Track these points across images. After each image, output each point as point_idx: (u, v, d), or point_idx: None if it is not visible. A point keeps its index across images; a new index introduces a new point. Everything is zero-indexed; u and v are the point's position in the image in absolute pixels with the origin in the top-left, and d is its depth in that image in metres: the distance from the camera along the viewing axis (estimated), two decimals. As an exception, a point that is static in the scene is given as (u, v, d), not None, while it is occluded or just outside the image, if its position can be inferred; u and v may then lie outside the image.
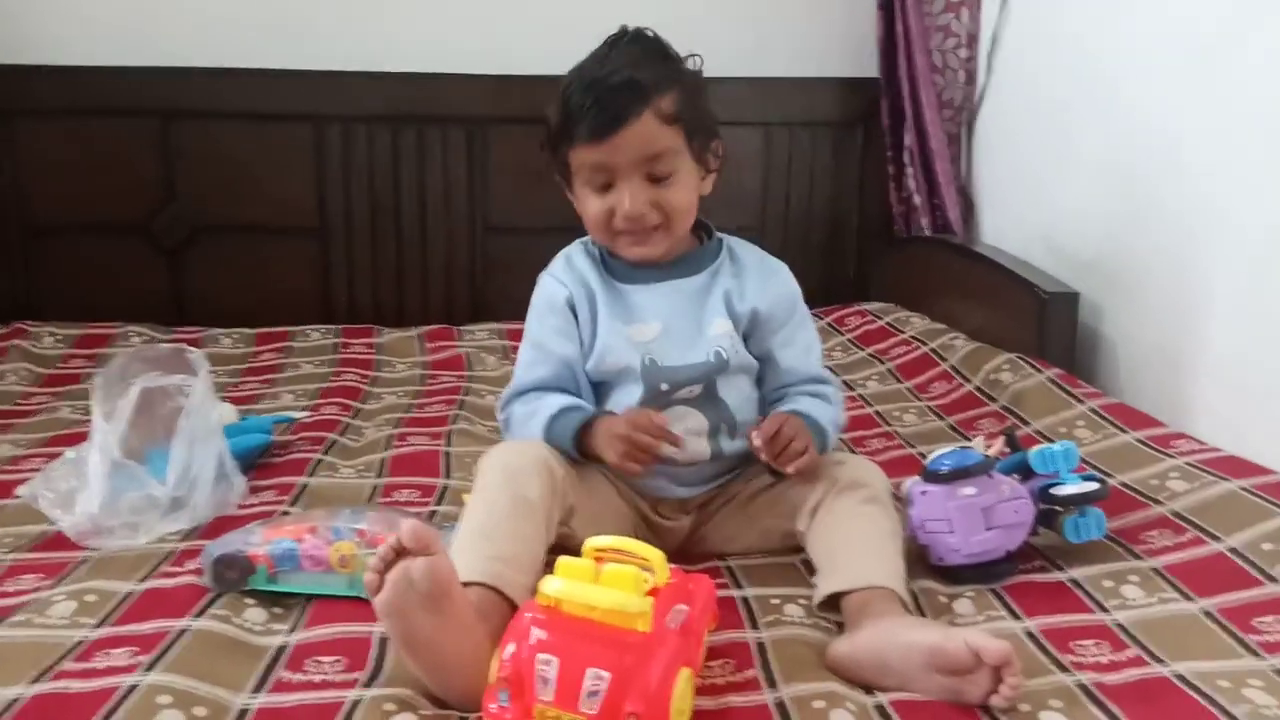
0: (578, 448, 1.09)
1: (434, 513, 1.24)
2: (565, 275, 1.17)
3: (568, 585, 0.80)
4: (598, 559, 0.85)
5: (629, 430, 1.04)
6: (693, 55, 1.15)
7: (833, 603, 0.99)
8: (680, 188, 1.11)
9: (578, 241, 1.21)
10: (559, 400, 1.12)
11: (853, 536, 1.02)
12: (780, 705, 0.85)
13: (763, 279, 1.17)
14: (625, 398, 1.13)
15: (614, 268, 1.16)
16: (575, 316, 1.15)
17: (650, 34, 1.14)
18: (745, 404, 1.16)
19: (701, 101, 1.13)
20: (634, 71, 1.07)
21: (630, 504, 1.15)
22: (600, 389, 1.16)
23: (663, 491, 1.15)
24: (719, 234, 1.21)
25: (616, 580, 0.80)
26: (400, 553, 0.83)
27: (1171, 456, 1.30)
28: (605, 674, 0.75)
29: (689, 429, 1.13)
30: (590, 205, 1.11)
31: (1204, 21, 1.49)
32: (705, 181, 1.15)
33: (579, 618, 0.79)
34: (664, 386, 1.12)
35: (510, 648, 0.79)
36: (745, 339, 1.15)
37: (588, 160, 1.09)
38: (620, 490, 1.14)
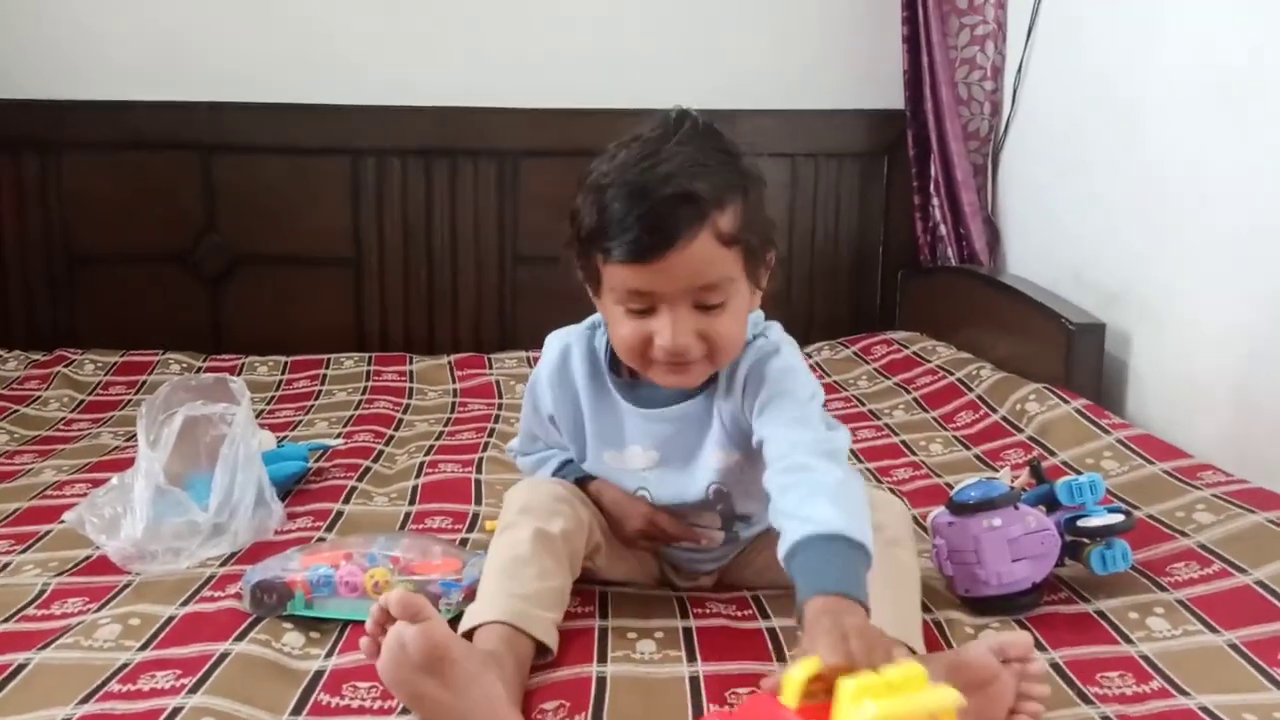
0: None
1: (465, 540, 1.26)
2: (556, 385, 1.06)
3: (896, 702, 0.71)
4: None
5: (649, 525, 1.06)
6: (750, 145, 0.97)
7: None
8: (732, 318, 0.94)
9: (583, 328, 1.08)
10: (563, 455, 1.13)
11: (870, 588, 0.94)
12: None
13: (753, 384, 1.00)
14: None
15: (618, 385, 1.05)
16: (559, 429, 1.10)
17: (709, 126, 0.96)
18: (758, 494, 0.99)
19: (762, 209, 0.97)
20: (690, 181, 0.89)
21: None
22: None
23: (684, 564, 1.14)
24: None
25: (911, 678, 0.72)
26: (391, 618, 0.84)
27: (1198, 488, 1.30)
28: None
29: (702, 523, 1.10)
30: (622, 329, 0.95)
31: (1228, 55, 1.51)
32: (755, 297, 1.00)
33: None
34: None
35: None
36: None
37: (626, 282, 0.92)
38: None
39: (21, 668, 0.95)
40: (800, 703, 0.72)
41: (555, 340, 1.09)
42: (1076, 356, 1.68)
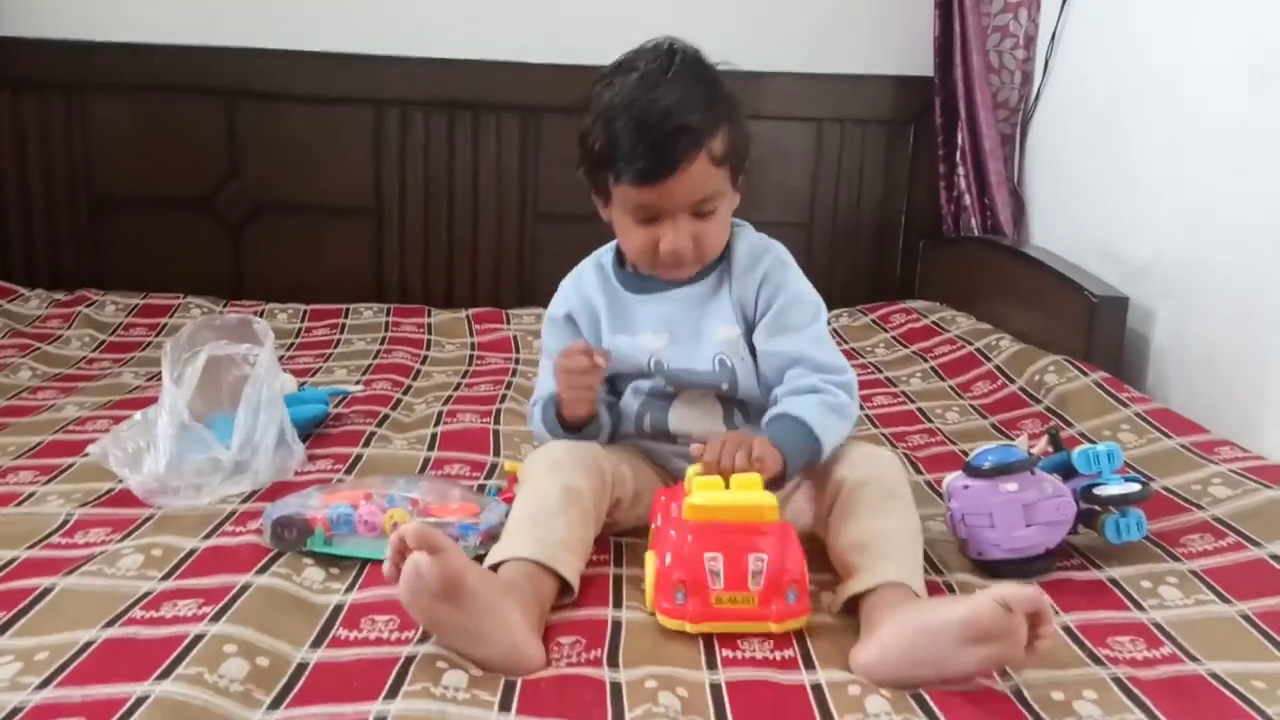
0: (561, 421, 1.15)
1: (483, 486, 1.28)
2: (571, 293, 1.21)
3: (716, 494, 0.95)
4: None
5: (561, 364, 1.11)
6: (725, 62, 1.12)
7: (851, 606, 0.97)
8: (720, 222, 1.11)
9: (595, 254, 1.22)
10: (544, 396, 1.18)
11: (867, 538, 0.99)
12: (817, 687, 0.87)
13: (750, 267, 1.14)
14: (636, 391, 1.17)
15: (623, 278, 1.18)
16: (577, 327, 1.19)
17: (698, 57, 1.10)
18: (756, 387, 1.15)
19: (743, 126, 1.11)
20: (687, 114, 1.03)
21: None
22: (615, 386, 1.20)
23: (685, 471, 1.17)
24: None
25: (745, 485, 0.96)
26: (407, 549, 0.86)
27: (1215, 463, 1.30)
28: (764, 556, 0.93)
29: (704, 411, 1.16)
30: (632, 236, 1.11)
31: (1264, 27, 1.48)
32: (736, 197, 1.14)
33: (720, 521, 0.94)
34: (669, 388, 1.16)
35: (669, 556, 0.94)
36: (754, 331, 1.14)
37: (634, 199, 1.07)
38: (657, 476, 1.18)
39: (47, 591, 0.96)
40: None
41: (569, 274, 1.24)
42: (1098, 330, 1.67)
